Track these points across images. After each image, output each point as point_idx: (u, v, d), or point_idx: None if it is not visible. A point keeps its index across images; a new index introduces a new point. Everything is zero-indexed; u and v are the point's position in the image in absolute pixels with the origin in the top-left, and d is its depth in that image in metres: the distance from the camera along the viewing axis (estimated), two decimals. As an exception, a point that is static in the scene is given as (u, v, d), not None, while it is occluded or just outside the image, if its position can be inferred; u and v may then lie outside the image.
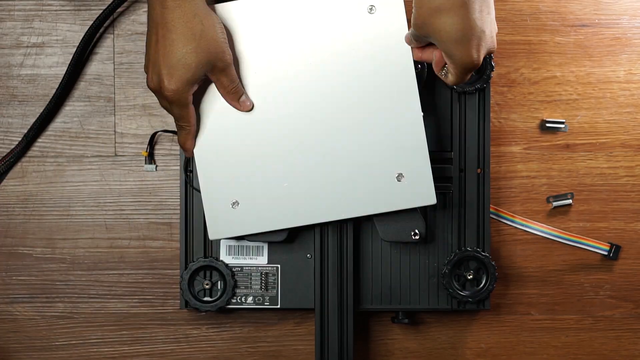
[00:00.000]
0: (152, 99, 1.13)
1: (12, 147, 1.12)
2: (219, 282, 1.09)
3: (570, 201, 1.13)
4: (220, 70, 0.98)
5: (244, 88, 1.02)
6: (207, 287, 1.09)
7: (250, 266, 1.10)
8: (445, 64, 0.96)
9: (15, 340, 1.13)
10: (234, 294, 1.09)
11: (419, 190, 1.04)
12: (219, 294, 1.09)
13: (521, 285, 1.14)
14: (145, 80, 1.13)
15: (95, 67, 1.13)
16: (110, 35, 1.13)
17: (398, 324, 1.13)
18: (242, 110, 1.03)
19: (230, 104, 1.02)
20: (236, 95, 1.02)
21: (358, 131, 1.03)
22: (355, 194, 1.04)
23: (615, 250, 1.13)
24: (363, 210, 1.04)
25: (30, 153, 1.13)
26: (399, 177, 1.03)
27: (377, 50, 1.02)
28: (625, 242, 1.14)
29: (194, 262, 1.09)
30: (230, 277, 1.09)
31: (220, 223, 1.05)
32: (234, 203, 1.04)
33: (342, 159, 1.04)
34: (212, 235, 1.05)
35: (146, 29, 0.97)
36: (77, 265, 1.14)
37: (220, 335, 1.14)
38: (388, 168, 1.03)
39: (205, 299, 1.09)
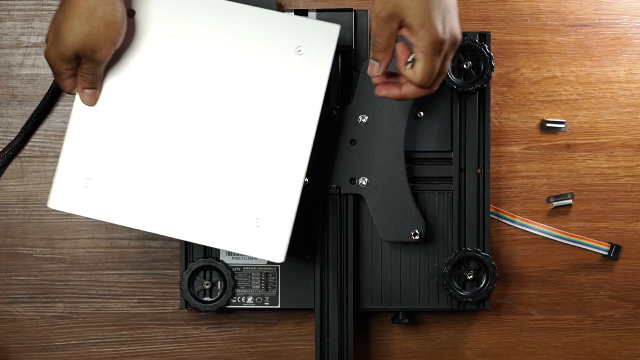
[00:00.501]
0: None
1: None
2: (219, 282, 1.09)
3: (570, 201, 1.13)
4: (88, 60, 0.96)
5: (101, 85, 0.99)
6: (207, 287, 1.09)
7: (250, 266, 1.10)
8: (411, 53, 0.94)
9: (15, 341, 1.13)
10: (234, 294, 1.09)
11: (271, 243, 1.00)
12: (219, 294, 1.09)
13: (521, 286, 1.14)
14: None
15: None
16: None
17: (398, 324, 1.13)
18: (81, 100, 0.99)
19: (77, 88, 0.99)
20: (85, 85, 0.98)
21: (238, 163, 1.00)
22: (212, 222, 1.00)
23: (616, 251, 1.13)
24: (213, 242, 1.01)
25: (30, 153, 1.13)
26: (257, 222, 1.00)
27: (291, 91, 1.01)
28: (626, 242, 1.14)
29: (194, 262, 1.09)
30: (230, 277, 1.09)
31: (66, 195, 1.01)
32: (88, 179, 1.00)
33: (212, 184, 1.00)
34: (51, 203, 1.01)
35: None
36: (77, 265, 1.13)
37: (220, 335, 1.14)
38: (250, 209, 1.00)
39: (205, 299, 1.09)
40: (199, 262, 1.08)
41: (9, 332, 1.13)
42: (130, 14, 0.99)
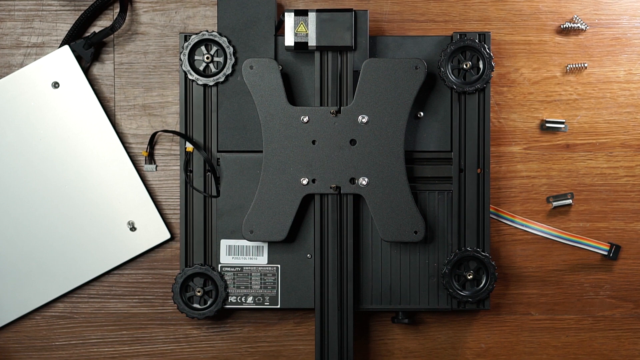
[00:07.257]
0: (152, 99, 1.12)
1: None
2: (211, 290, 1.09)
3: (570, 201, 1.13)
4: None
5: None
6: (198, 294, 1.09)
7: (250, 266, 1.10)
8: None
9: (15, 340, 1.13)
10: (225, 302, 1.09)
11: (151, 231, 1.11)
12: (210, 302, 1.09)
13: (521, 285, 1.14)
14: (145, 81, 1.12)
15: (95, 67, 1.13)
16: (110, 35, 1.12)
17: (398, 324, 1.13)
18: None
19: None
20: None
21: (79, 201, 1.10)
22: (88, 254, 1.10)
23: (615, 250, 1.13)
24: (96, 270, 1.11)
25: (30, 153, 1.13)
26: (131, 225, 1.10)
27: (69, 120, 1.09)
28: (625, 242, 1.14)
29: (191, 266, 1.09)
30: (222, 287, 1.08)
31: None
32: None
33: (67, 227, 1.10)
34: None
35: (145, 29, 0.96)
36: (77, 265, 1.13)
37: (220, 335, 1.14)
38: (118, 220, 1.10)
39: (196, 305, 1.09)
40: (194, 267, 1.08)
41: (9, 332, 1.13)
42: None
